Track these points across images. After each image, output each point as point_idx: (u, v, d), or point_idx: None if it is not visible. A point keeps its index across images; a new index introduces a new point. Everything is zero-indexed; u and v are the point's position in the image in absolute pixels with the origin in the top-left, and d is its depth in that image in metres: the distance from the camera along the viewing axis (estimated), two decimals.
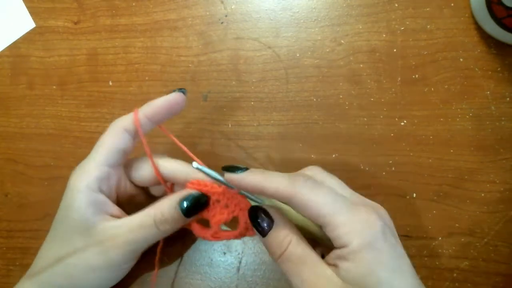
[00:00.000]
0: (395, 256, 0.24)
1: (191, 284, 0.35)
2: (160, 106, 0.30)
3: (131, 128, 0.30)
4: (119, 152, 0.30)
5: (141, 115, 0.30)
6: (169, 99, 0.30)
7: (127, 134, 0.30)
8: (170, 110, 0.30)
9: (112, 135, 0.29)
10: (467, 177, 0.34)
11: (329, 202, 0.25)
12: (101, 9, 0.42)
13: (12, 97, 0.42)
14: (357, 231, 0.24)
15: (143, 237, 0.29)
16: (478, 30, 0.36)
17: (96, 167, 0.29)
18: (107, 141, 0.29)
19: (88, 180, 0.28)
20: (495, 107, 0.35)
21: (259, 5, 0.40)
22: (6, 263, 0.39)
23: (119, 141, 0.29)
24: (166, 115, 0.30)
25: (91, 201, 0.28)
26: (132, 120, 0.30)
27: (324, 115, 0.37)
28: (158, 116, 0.30)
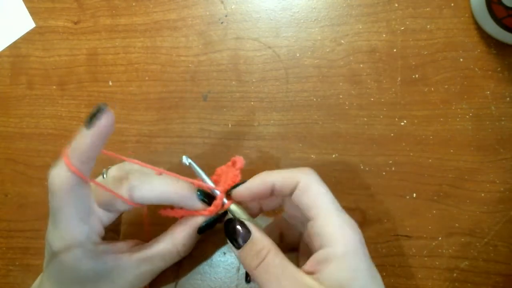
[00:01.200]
0: (371, 265, 0.25)
1: (191, 284, 0.35)
2: (91, 144, 0.25)
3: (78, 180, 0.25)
4: (86, 207, 0.27)
5: (76, 162, 0.25)
6: (98, 133, 0.25)
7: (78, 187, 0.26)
8: (102, 141, 0.25)
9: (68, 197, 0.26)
10: (467, 177, 0.34)
11: (328, 198, 0.26)
12: (101, 9, 0.42)
13: (12, 97, 0.42)
14: (345, 234, 0.24)
15: (166, 266, 0.31)
16: (478, 30, 0.36)
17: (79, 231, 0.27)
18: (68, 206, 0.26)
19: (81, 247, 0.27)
20: (495, 107, 0.35)
21: (259, 5, 0.40)
22: (6, 263, 0.39)
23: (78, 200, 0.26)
24: (100, 148, 0.26)
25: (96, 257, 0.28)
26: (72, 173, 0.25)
27: (324, 115, 0.37)
28: (92, 155, 0.25)
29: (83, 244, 0.27)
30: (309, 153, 0.37)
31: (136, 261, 0.29)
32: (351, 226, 0.25)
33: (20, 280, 0.39)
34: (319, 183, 0.27)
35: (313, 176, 0.27)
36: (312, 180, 0.27)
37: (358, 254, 0.24)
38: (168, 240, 0.30)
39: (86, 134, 0.25)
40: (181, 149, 0.38)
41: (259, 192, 0.28)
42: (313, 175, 0.27)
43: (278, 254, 0.25)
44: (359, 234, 0.25)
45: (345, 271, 0.23)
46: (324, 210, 0.25)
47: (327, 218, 0.25)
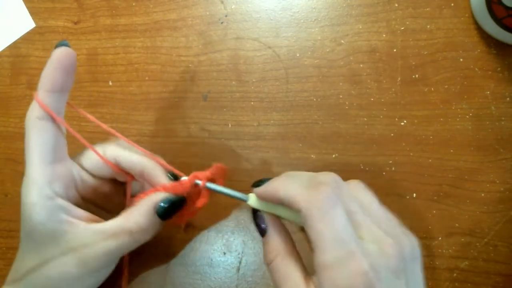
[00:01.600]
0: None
1: (191, 284, 0.35)
2: (52, 72, 0.26)
3: (43, 114, 0.26)
4: (51, 146, 0.26)
5: (42, 93, 0.26)
6: (55, 60, 0.26)
7: (44, 122, 0.26)
8: (64, 68, 0.26)
9: (32, 131, 0.26)
10: (467, 177, 0.35)
11: (328, 234, 0.22)
12: (101, 9, 0.42)
13: (12, 97, 0.42)
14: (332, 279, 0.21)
15: (118, 248, 0.27)
16: (478, 30, 0.36)
17: (38, 171, 0.26)
18: (33, 140, 0.26)
19: (38, 188, 0.25)
20: (495, 107, 0.35)
21: (259, 5, 0.40)
22: (6, 263, 0.39)
23: (43, 134, 0.26)
24: (65, 77, 0.27)
25: (51, 209, 0.26)
26: (39, 106, 0.26)
27: (324, 115, 0.37)
28: (57, 82, 0.27)
29: (41, 188, 0.25)
30: (309, 153, 0.37)
31: (89, 231, 0.27)
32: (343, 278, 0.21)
33: None
34: (327, 215, 0.22)
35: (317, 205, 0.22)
36: (313, 213, 0.22)
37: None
38: (123, 217, 0.28)
39: (47, 64, 0.26)
40: (181, 149, 0.38)
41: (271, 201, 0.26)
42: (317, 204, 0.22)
43: (286, 259, 0.25)
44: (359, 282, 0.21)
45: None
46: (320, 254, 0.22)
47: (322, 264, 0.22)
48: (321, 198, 0.22)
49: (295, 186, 0.24)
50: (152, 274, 0.36)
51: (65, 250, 0.26)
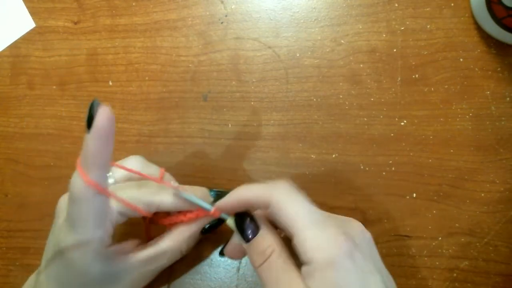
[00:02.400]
0: (362, 275, 0.23)
1: (191, 284, 0.35)
2: (97, 148, 0.24)
3: (93, 191, 0.25)
4: (103, 213, 0.27)
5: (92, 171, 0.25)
6: (100, 134, 0.24)
7: (96, 198, 0.26)
8: (108, 139, 0.25)
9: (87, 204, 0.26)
10: (467, 177, 0.35)
11: (302, 213, 0.25)
12: (101, 9, 0.42)
13: (12, 97, 0.42)
14: (322, 248, 0.23)
15: (167, 265, 0.32)
16: (478, 30, 0.36)
17: (92, 236, 0.27)
18: (87, 212, 0.26)
19: (93, 251, 0.27)
20: (495, 107, 0.35)
21: (259, 5, 0.40)
22: (6, 263, 0.39)
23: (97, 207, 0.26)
24: (110, 147, 0.25)
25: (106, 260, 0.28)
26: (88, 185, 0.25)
27: (324, 115, 0.37)
28: (104, 158, 0.25)
29: (95, 247, 0.27)
30: (309, 153, 0.37)
31: (141, 260, 0.30)
32: (328, 239, 0.24)
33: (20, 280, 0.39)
34: (291, 199, 0.25)
35: (284, 191, 0.25)
36: (283, 197, 0.25)
37: (338, 268, 0.23)
38: (173, 238, 0.31)
39: (88, 138, 0.24)
40: (181, 149, 0.38)
41: (238, 208, 0.27)
42: (284, 190, 0.25)
43: (282, 255, 0.25)
44: (341, 244, 0.23)
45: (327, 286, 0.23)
46: (298, 228, 0.24)
47: (303, 237, 0.24)
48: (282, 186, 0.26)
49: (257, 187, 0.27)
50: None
51: (119, 282, 0.29)
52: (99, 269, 0.27)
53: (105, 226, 0.28)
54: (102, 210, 0.27)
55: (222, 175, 0.37)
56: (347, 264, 0.23)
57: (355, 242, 0.24)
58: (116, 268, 0.29)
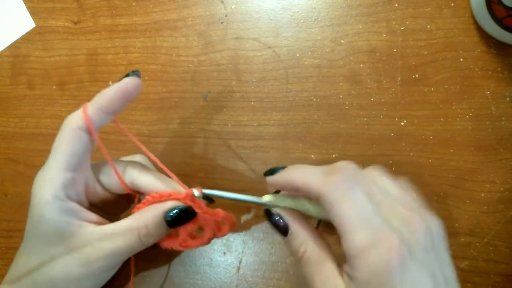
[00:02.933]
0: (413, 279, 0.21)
1: (191, 284, 0.35)
2: (114, 95, 0.27)
3: (85, 125, 0.27)
4: (79, 155, 0.27)
5: (93, 108, 0.27)
6: (122, 86, 0.27)
7: (83, 133, 0.27)
8: (125, 97, 0.27)
9: (68, 137, 0.27)
10: (467, 177, 0.34)
11: (353, 215, 0.22)
12: (101, 9, 0.42)
13: (12, 97, 0.42)
14: (366, 260, 0.21)
15: (125, 249, 0.28)
16: (478, 30, 0.36)
17: (58, 174, 0.26)
18: (64, 145, 0.27)
19: (54, 189, 0.26)
20: (495, 107, 0.35)
21: (259, 5, 0.40)
22: (6, 263, 0.39)
23: (76, 143, 0.27)
24: (121, 104, 0.27)
25: (63, 210, 0.26)
26: (84, 118, 0.27)
27: (324, 115, 0.37)
28: (112, 106, 0.27)
29: (56, 190, 0.26)
30: (309, 153, 0.37)
31: (97, 233, 0.27)
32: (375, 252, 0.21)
33: None
34: (344, 199, 0.23)
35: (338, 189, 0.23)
36: (335, 196, 0.23)
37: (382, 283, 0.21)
38: (133, 218, 0.28)
39: (110, 87, 0.27)
40: (181, 149, 0.38)
41: (287, 188, 0.27)
42: (338, 187, 0.23)
43: (315, 249, 0.25)
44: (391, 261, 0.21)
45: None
46: (344, 232, 0.22)
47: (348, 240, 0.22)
48: (339, 181, 0.23)
49: (312, 172, 0.24)
50: (153, 274, 0.36)
51: (70, 250, 0.27)
52: (53, 215, 0.26)
53: (76, 176, 0.27)
54: (80, 151, 0.27)
55: (222, 175, 0.37)
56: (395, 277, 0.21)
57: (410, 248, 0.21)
58: (70, 230, 0.26)
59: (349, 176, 0.23)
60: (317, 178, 0.24)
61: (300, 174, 0.25)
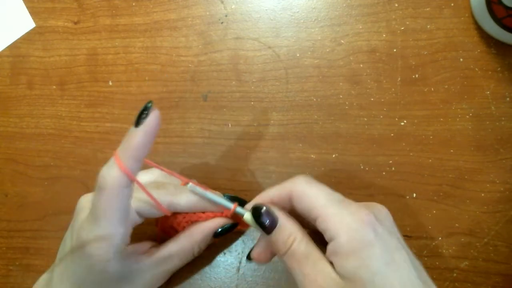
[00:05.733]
0: (387, 250, 0.24)
1: (191, 284, 0.35)
2: (142, 142, 0.26)
3: (128, 182, 0.26)
4: (127, 209, 0.28)
5: (129, 161, 0.26)
6: (147, 131, 0.26)
7: (126, 190, 0.26)
8: (152, 138, 0.27)
9: (114, 197, 0.26)
10: (467, 177, 0.35)
11: (322, 195, 0.26)
12: (101, 9, 0.42)
13: (12, 97, 0.42)
14: (345, 224, 0.24)
15: (180, 265, 0.32)
16: (478, 30, 0.36)
17: (115, 231, 0.27)
18: (113, 205, 0.26)
19: (113, 247, 0.27)
20: (495, 107, 0.35)
21: (259, 5, 0.40)
22: (6, 263, 0.39)
23: (124, 200, 0.27)
24: (150, 146, 0.27)
25: (124, 260, 0.28)
26: (123, 173, 0.26)
27: (324, 115, 0.37)
28: (143, 153, 0.27)
29: (117, 244, 0.27)
30: (309, 153, 0.37)
31: (155, 261, 0.30)
32: (350, 215, 0.25)
33: (20, 280, 0.39)
34: (310, 186, 0.26)
35: (303, 181, 0.27)
36: (302, 186, 0.27)
37: (363, 242, 0.23)
38: (187, 239, 0.31)
39: (136, 132, 0.26)
40: (181, 149, 0.38)
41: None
42: (302, 180, 0.27)
43: (303, 240, 0.26)
44: (364, 219, 0.24)
45: (353, 260, 0.23)
46: (320, 208, 0.25)
47: (326, 214, 0.25)
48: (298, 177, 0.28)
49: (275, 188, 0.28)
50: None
51: (132, 284, 0.29)
52: (116, 267, 0.27)
53: (127, 224, 0.28)
54: (128, 204, 0.28)
55: (222, 175, 0.37)
56: (371, 236, 0.24)
57: (378, 217, 0.25)
58: (131, 268, 0.29)
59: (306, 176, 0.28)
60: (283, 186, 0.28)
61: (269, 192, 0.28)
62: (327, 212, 0.25)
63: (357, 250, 0.23)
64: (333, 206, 0.25)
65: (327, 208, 0.25)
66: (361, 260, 0.23)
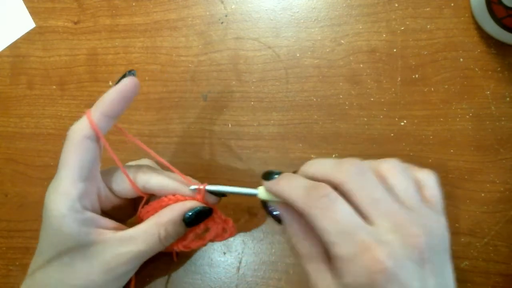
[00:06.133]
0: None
1: (191, 284, 0.35)
2: (115, 98, 0.27)
3: (92, 133, 0.27)
4: (90, 164, 0.27)
5: (97, 114, 0.27)
6: (122, 88, 0.27)
7: (89, 142, 0.27)
8: (126, 98, 0.27)
9: (77, 147, 0.26)
10: (467, 177, 0.34)
11: (333, 232, 0.22)
12: (101, 9, 0.42)
13: (12, 97, 0.42)
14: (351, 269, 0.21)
15: (146, 251, 0.28)
16: (478, 30, 0.36)
17: (72, 186, 0.26)
18: (74, 156, 0.26)
19: (69, 201, 0.26)
20: (495, 107, 0.35)
21: (259, 5, 0.40)
22: (6, 263, 0.39)
23: (86, 153, 0.27)
24: (123, 105, 0.28)
25: (80, 221, 0.26)
26: (89, 124, 0.27)
27: (324, 115, 0.37)
28: (115, 109, 0.27)
29: (72, 202, 0.26)
30: (309, 153, 0.37)
31: (118, 239, 0.28)
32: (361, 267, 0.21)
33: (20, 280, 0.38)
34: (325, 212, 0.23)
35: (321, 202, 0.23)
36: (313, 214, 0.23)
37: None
38: (152, 221, 0.29)
39: (110, 90, 0.27)
40: (181, 149, 0.38)
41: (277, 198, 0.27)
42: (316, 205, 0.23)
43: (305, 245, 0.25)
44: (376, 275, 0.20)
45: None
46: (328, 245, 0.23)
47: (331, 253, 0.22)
48: (319, 197, 0.23)
49: (296, 190, 0.24)
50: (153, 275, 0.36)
51: (92, 258, 0.27)
52: (72, 228, 0.26)
53: (89, 185, 0.27)
54: (91, 160, 0.27)
55: (222, 175, 0.37)
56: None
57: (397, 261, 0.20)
58: (90, 238, 0.27)
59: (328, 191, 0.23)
60: (299, 194, 0.24)
61: (285, 188, 0.25)
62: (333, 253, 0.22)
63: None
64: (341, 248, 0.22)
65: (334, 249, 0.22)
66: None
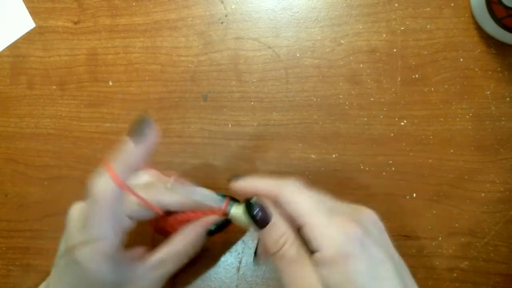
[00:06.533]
0: (373, 264, 0.23)
1: (191, 284, 0.35)
2: (141, 156, 0.26)
3: (119, 191, 0.26)
4: (119, 216, 0.28)
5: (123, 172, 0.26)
6: (147, 147, 0.26)
7: (118, 200, 0.27)
8: (150, 152, 0.27)
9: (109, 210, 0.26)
10: (467, 177, 0.35)
11: (310, 203, 0.25)
12: (101, 9, 0.42)
13: (12, 97, 0.42)
14: (330, 237, 0.24)
15: (175, 269, 0.31)
16: (478, 30, 0.36)
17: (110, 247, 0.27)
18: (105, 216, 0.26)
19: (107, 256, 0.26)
20: (495, 107, 0.35)
21: (259, 5, 0.40)
22: (6, 263, 0.39)
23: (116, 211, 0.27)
24: (146, 159, 0.27)
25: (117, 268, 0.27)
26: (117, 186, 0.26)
27: (324, 115, 0.37)
28: (139, 165, 0.27)
29: (107, 249, 0.26)
30: (309, 153, 0.37)
31: (150, 267, 0.29)
32: (337, 226, 0.24)
33: (20, 280, 0.39)
34: (299, 192, 0.26)
35: (292, 187, 0.26)
36: (290, 192, 0.26)
37: (348, 256, 0.23)
38: (180, 242, 0.31)
39: (133, 150, 0.26)
40: (181, 149, 0.38)
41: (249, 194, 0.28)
42: (291, 186, 0.26)
43: (295, 243, 0.25)
44: (352, 231, 0.24)
45: (338, 274, 0.23)
46: (307, 216, 0.25)
47: (312, 224, 0.24)
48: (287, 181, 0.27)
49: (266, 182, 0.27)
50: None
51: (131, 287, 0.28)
52: (109, 275, 0.27)
53: (117, 230, 0.28)
54: (119, 212, 0.27)
55: (222, 175, 0.37)
56: (356, 251, 0.23)
57: (365, 228, 0.24)
58: (125, 275, 0.28)
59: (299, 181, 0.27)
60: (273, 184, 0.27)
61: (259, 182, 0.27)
62: (313, 222, 0.24)
63: (342, 265, 0.23)
64: (320, 216, 0.25)
65: (313, 218, 0.25)
66: (346, 275, 0.23)
